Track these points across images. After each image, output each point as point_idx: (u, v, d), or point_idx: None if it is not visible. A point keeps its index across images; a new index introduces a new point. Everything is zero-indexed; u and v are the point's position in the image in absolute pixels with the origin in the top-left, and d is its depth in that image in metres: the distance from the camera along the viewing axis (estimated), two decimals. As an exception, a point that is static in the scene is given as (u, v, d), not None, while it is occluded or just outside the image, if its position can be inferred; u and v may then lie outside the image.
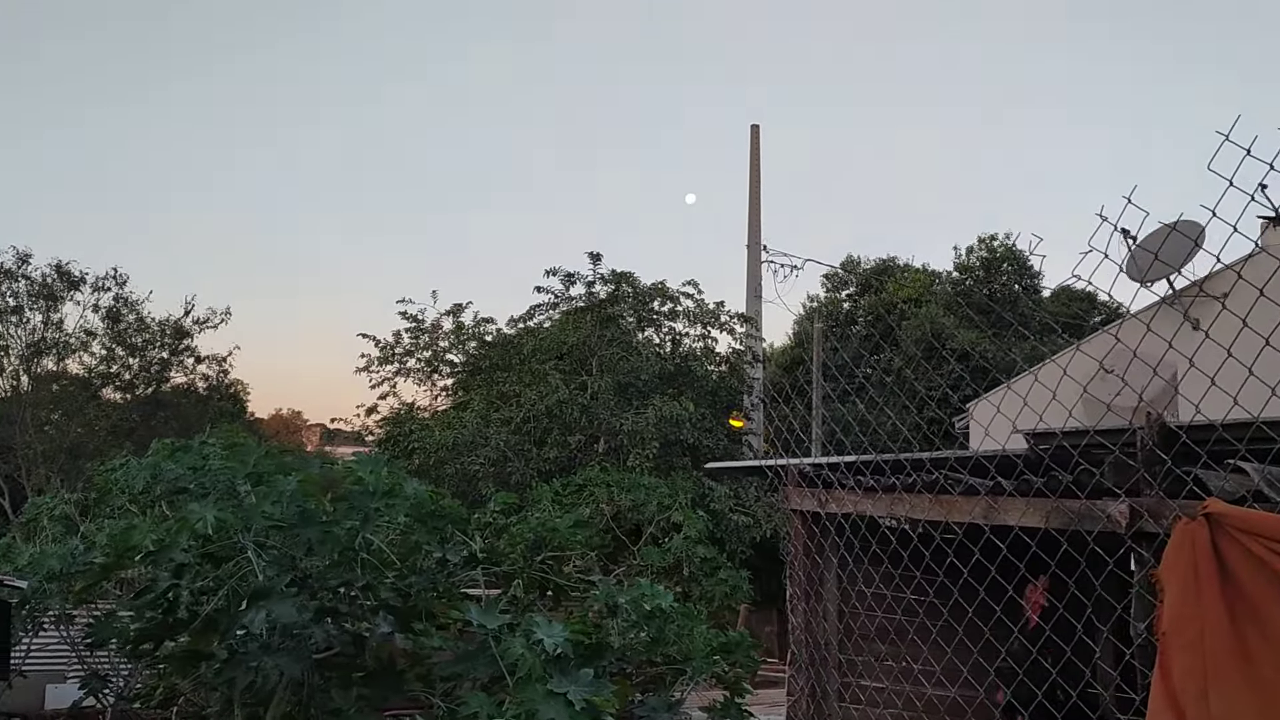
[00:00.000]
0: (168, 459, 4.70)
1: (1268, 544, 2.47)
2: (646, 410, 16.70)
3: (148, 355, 26.56)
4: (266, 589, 3.45)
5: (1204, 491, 2.87)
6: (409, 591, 4.07)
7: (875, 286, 28.06)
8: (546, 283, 19.28)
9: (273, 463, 4.16)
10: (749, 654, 4.79)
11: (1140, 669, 2.99)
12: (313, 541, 3.65)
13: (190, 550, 3.59)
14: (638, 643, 4.61)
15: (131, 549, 3.67)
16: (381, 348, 21.06)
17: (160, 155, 53.36)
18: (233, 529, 3.59)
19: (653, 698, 4.60)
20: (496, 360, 19.47)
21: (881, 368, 15.69)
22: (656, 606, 4.60)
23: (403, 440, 17.81)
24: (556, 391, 16.95)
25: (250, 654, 3.44)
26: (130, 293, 26.35)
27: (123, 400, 26.33)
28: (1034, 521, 3.34)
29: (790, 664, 4.60)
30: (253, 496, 3.86)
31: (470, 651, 3.84)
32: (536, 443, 17.13)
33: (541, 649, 3.59)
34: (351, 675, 3.95)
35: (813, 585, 4.64)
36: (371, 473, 4.16)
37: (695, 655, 4.58)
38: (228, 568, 3.66)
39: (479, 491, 15.60)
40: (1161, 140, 49.09)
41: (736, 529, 16.02)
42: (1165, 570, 2.66)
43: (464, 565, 4.56)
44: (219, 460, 4.30)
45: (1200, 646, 2.52)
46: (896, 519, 4.26)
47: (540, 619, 3.77)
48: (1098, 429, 3.33)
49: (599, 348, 18.04)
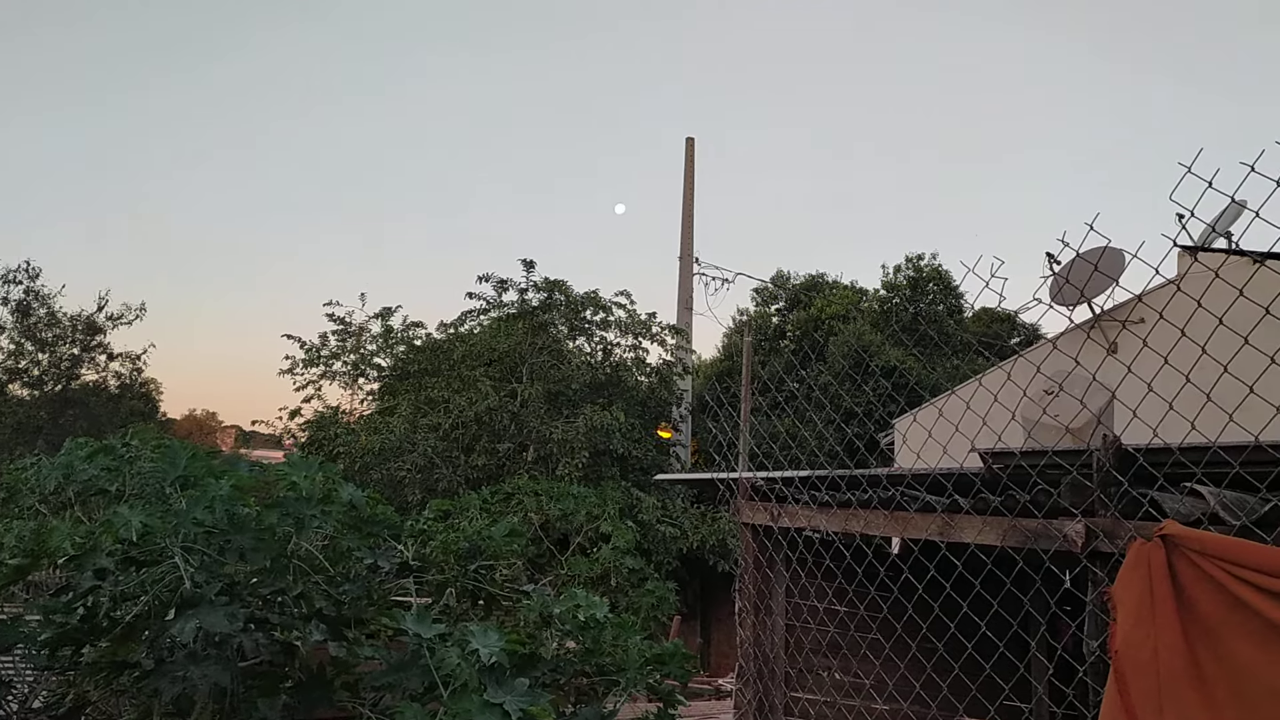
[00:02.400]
0: (85, 460, 4.53)
1: (1225, 566, 2.53)
2: (577, 419, 16.66)
3: (58, 351, 25.58)
4: (196, 597, 3.34)
5: (1160, 513, 2.95)
6: (341, 599, 3.98)
7: (804, 302, 28.47)
8: (479, 289, 19.14)
9: (202, 465, 4.03)
10: (683, 665, 4.80)
11: (1093, 686, 3.07)
12: (244, 548, 3.55)
13: (114, 554, 3.46)
14: (572, 653, 4.58)
15: (51, 551, 3.52)
16: (307, 350, 20.64)
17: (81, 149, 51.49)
18: (160, 534, 3.47)
19: (585, 709, 4.56)
20: (425, 365, 19.22)
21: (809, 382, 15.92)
22: (591, 616, 4.58)
23: (327, 444, 17.45)
24: (486, 399, 16.80)
25: (176, 663, 3.33)
26: (42, 286, 25.38)
27: (30, 397, 25.29)
28: (990, 540, 3.42)
29: (738, 677, 4.63)
30: (181, 501, 3.74)
31: (402, 661, 3.77)
32: (465, 450, 16.95)
33: (476, 658, 3.54)
34: (279, 684, 3.84)
35: (762, 599, 4.67)
36: (306, 477, 4.07)
37: (630, 666, 4.56)
38: (152, 573, 3.53)
39: (405, 498, 15.37)
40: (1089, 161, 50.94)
41: (664, 540, 16.06)
42: (1119, 589, 2.72)
43: (397, 573, 4.48)
44: (148, 462, 4.16)
45: (1154, 667, 2.58)
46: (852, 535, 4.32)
47: (475, 627, 3.72)
48: (1055, 449, 3.42)
49: (530, 355, 17.94)
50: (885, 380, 16.38)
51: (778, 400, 16.41)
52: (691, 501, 17.28)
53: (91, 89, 50.18)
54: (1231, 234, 6.63)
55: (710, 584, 17.51)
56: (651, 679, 4.75)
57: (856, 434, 13.29)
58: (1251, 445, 2.98)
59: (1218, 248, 6.79)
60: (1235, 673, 2.58)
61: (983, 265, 3.74)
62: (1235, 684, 2.58)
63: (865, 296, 28.18)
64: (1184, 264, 6.27)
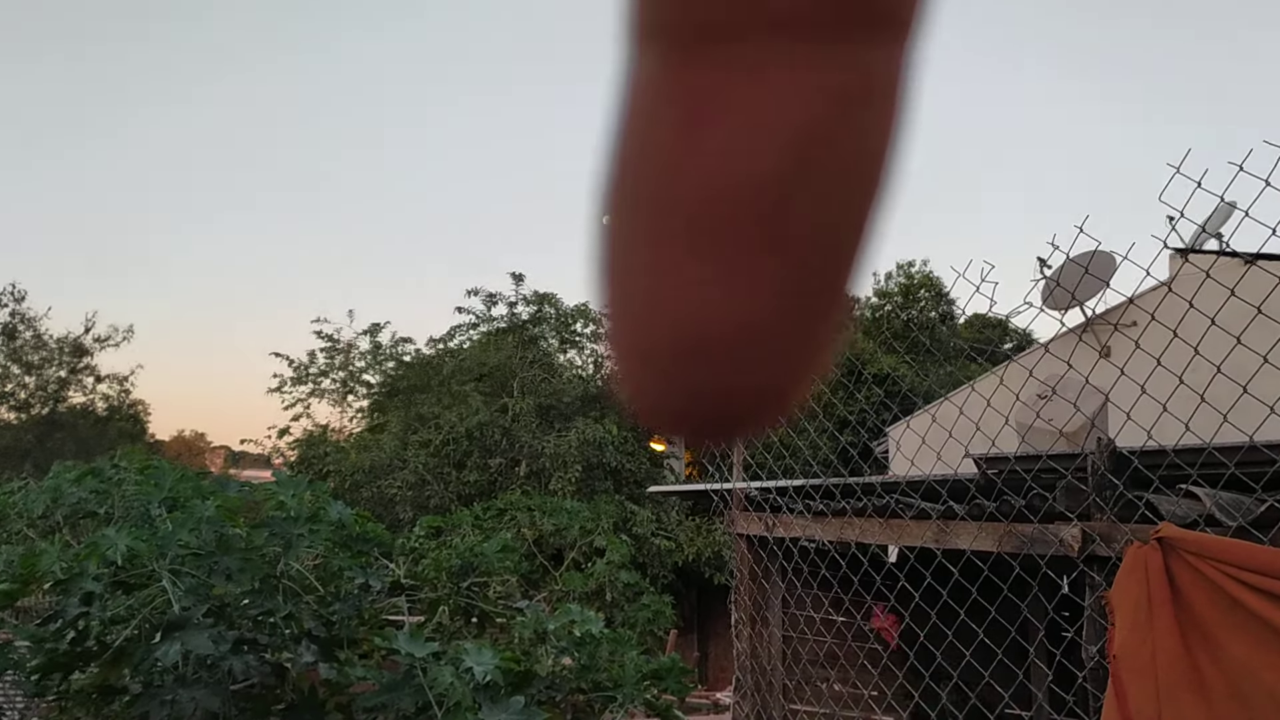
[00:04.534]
0: (73, 483, 4.48)
1: (1222, 568, 2.52)
2: (569, 433, 16.61)
3: (45, 374, 25.43)
4: (182, 619, 3.29)
5: (1156, 516, 2.94)
6: (332, 619, 3.94)
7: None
8: (468, 303, 19.12)
9: (189, 486, 3.99)
10: (680, 679, 4.75)
11: (1093, 692, 3.05)
12: (232, 570, 3.51)
13: (101, 578, 3.42)
14: (568, 670, 4.54)
15: (39, 576, 3.48)
16: (295, 368, 20.57)
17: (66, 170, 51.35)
18: (147, 556, 3.42)
19: (582, 726, 4.52)
20: (415, 381, 19.16)
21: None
22: (586, 632, 4.54)
23: (317, 463, 17.37)
24: (477, 414, 16.74)
25: (166, 687, 3.28)
26: (28, 309, 25.25)
27: (17, 420, 25.12)
28: (986, 546, 3.40)
29: (735, 690, 4.59)
30: (168, 522, 3.70)
31: (396, 681, 3.72)
32: (456, 466, 16.88)
33: (471, 677, 3.50)
34: (270, 707, 3.80)
35: (758, 610, 4.64)
36: (294, 496, 4.03)
37: (626, 682, 4.52)
38: (141, 596, 3.49)
39: (396, 516, 15.29)
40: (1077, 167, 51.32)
41: (659, 553, 16.00)
42: (1117, 594, 2.71)
43: (389, 591, 4.44)
44: (132, 484, 4.11)
45: (1152, 671, 2.57)
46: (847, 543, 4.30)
47: (469, 646, 3.68)
48: (1050, 454, 3.41)
49: (520, 369, 17.90)
50: (878, 388, 16.41)
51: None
52: (686, 514, 17.23)
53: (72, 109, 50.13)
54: (1222, 235, 6.65)
55: (707, 597, 17.45)
56: (649, 694, 4.70)
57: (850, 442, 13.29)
58: (1246, 446, 2.97)
59: (1208, 249, 6.82)
60: (1233, 675, 2.57)
61: (973, 271, 3.74)
62: (1234, 686, 2.56)
63: (856, 304, 28.23)
64: (1175, 266, 6.29)
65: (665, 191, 0.30)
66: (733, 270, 0.29)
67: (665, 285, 0.30)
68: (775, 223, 0.29)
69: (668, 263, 0.30)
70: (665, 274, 0.30)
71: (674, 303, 0.30)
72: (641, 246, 0.31)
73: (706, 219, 0.29)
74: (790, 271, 0.30)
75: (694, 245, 0.29)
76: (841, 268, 0.31)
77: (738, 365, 0.30)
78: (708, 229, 0.29)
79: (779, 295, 0.30)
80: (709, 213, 0.29)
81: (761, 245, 0.29)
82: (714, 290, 0.30)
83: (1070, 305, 5.08)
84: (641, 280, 0.31)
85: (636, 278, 0.31)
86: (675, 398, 0.32)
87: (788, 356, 0.32)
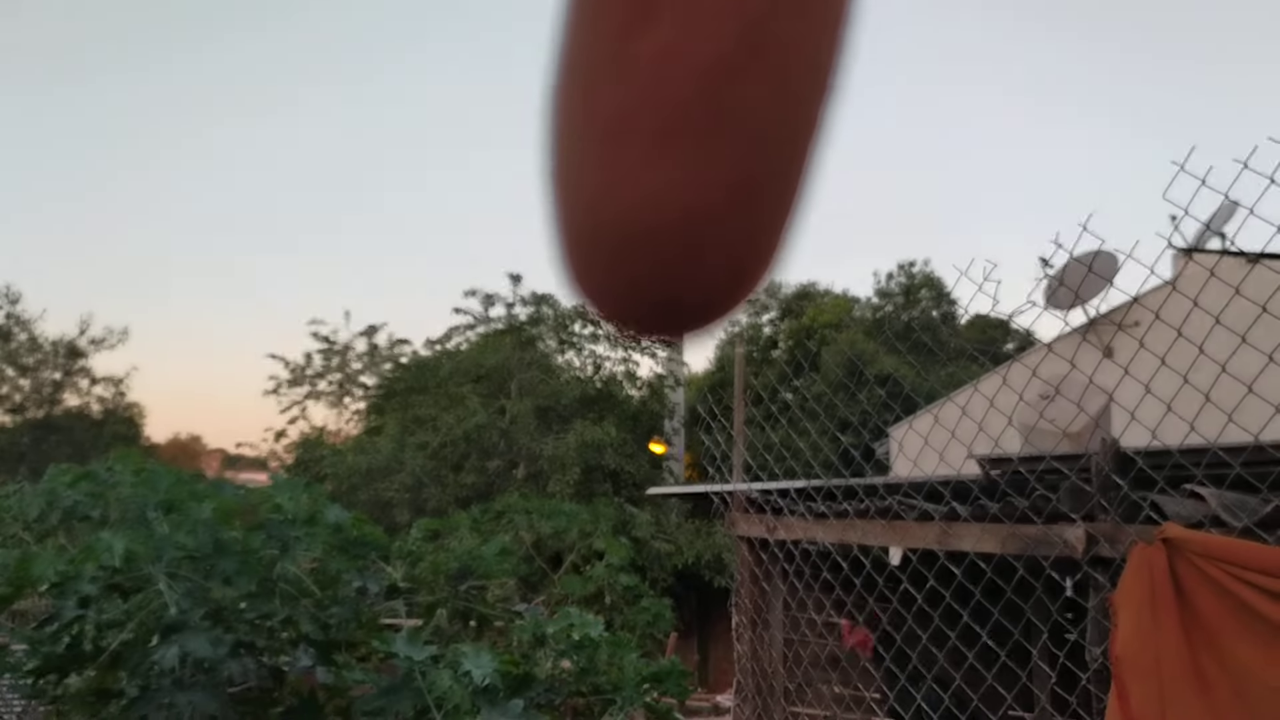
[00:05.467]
0: (69, 486, 4.46)
1: (1227, 569, 2.51)
2: (567, 435, 16.57)
3: (39, 376, 25.38)
4: (179, 622, 3.27)
5: (1161, 516, 2.92)
6: (329, 623, 3.91)
7: (795, 311, 28.49)
8: (465, 304, 19.09)
9: (185, 489, 3.96)
10: (680, 682, 4.73)
11: (1096, 694, 3.03)
12: (229, 573, 3.48)
13: (97, 581, 3.39)
14: (567, 674, 4.52)
15: (34, 580, 3.45)
16: (292, 370, 20.54)
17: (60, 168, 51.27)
18: (143, 560, 3.40)
19: (581, 729, 4.50)
20: (412, 383, 19.13)
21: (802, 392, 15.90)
22: (586, 636, 4.51)
23: (313, 465, 17.33)
24: (475, 415, 16.70)
25: (163, 690, 3.25)
26: (22, 311, 25.21)
27: (12, 423, 25.07)
28: (989, 547, 3.37)
29: (736, 693, 4.57)
30: (164, 525, 3.67)
31: (394, 684, 3.70)
32: (454, 468, 16.84)
33: (469, 681, 3.48)
34: (268, 711, 3.77)
35: (759, 613, 4.62)
36: (290, 499, 4.00)
37: (626, 685, 4.49)
38: (137, 599, 3.46)
39: (394, 519, 15.26)
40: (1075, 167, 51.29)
41: (658, 556, 15.96)
42: (1121, 595, 2.69)
43: (386, 595, 4.41)
44: (128, 487, 4.08)
45: (1157, 672, 2.55)
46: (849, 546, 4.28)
47: (468, 649, 3.65)
48: (1053, 454, 3.38)
49: (518, 370, 17.86)
50: (880, 389, 16.39)
51: (771, 411, 16.39)
52: (686, 516, 17.20)
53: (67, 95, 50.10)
54: (1225, 233, 6.63)
55: (707, 599, 17.41)
56: (648, 697, 4.68)
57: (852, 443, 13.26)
58: (1251, 445, 2.95)
59: (1212, 248, 6.80)
60: (1238, 676, 2.55)
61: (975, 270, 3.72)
62: (1238, 687, 2.55)
63: (858, 304, 28.26)
64: (1179, 264, 6.27)
65: (616, 80, 0.30)
66: (684, 158, 0.30)
67: (616, 173, 0.30)
68: (726, 111, 0.29)
69: (619, 151, 0.30)
70: (617, 163, 0.30)
71: (624, 190, 0.30)
72: (594, 137, 0.31)
73: (657, 106, 0.29)
74: (741, 161, 0.30)
75: (645, 133, 0.29)
76: (794, 159, 0.32)
77: (686, 253, 0.31)
78: (659, 116, 0.29)
79: (729, 186, 0.30)
80: (660, 100, 0.29)
81: (712, 132, 0.29)
82: (665, 177, 0.30)
83: (1073, 305, 5.06)
84: (592, 170, 0.31)
85: (588, 168, 0.31)
86: (622, 283, 0.32)
87: (737, 248, 0.32)
